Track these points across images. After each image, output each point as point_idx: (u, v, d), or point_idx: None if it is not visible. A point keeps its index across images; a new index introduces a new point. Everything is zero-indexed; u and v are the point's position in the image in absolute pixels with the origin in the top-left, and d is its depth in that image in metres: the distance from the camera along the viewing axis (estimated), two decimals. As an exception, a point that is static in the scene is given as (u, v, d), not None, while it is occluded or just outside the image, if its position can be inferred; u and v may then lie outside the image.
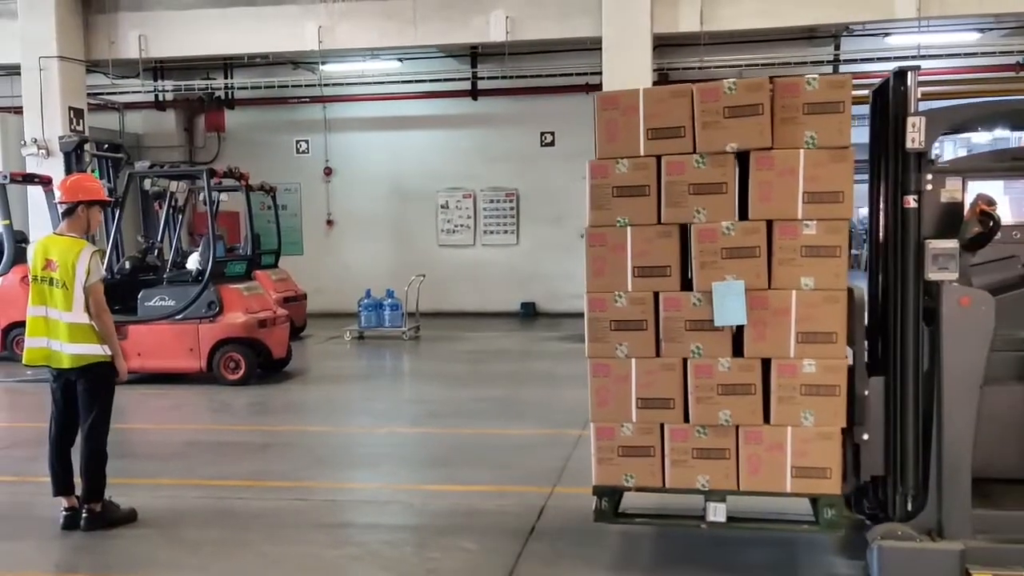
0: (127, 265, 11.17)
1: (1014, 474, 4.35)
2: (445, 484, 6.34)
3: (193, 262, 10.80)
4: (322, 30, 13.83)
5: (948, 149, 18.52)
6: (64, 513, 5.45)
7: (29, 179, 12.78)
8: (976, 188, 4.21)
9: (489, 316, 16.28)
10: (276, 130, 17.77)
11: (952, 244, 3.97)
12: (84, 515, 5.41)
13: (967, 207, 4.11)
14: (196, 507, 5.86)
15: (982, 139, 17.16)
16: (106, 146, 12.69)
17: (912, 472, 4.12)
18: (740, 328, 4.21)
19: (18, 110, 14.58)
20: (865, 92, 4.55)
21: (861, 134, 4.37)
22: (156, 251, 12.01)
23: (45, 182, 12.04)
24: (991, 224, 3.99)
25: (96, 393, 5.41)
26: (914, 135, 3.93)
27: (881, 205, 4.32)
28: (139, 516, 5.56)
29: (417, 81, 16.41)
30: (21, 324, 11.33)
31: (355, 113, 17.42)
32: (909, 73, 4.03)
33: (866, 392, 4.19)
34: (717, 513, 4.33)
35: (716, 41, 13.91)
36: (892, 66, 14.26)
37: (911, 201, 4.02)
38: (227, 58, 16.41)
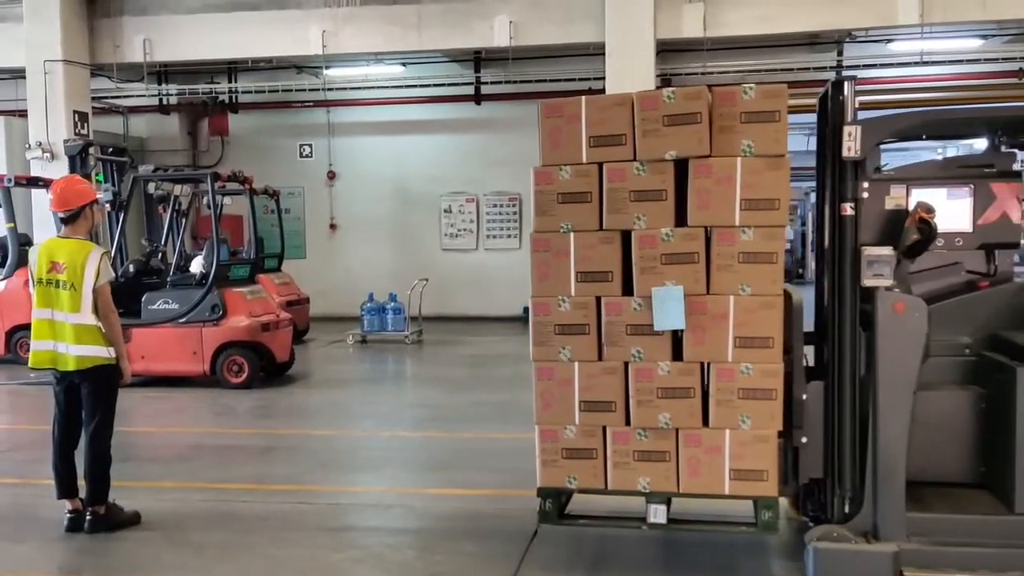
0: (131, 268, 11.19)
1: (953, 478, 4.40)
2: (448, 488, 6.36)
3: (197, 266, 10.81)
4: (326, 35, 13.88)
5: (951, 152, 18.56)
6: (68, 515, 5.47)
7: (33, 182, 12.81)
8: (920, 196, 4.30)
9: (492, 320, 16.28)
10: (280, 134, 17.81)
11: (887, 251, 4.04)
12: (88, 518, 5.41)
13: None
14: (200, 510, 5.87)
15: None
16: (110, 150, 12.70)
17: (849, 475, 4.18)
18: (680, 332, 4.29)
19: (23, 113, 14.62)
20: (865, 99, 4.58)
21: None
22: (160, 254, 12.03)
23: (49, 185, 12.06)
24: (929, 232, 4.06)
25: (100, 396, 5.43)
26: (850, 144, 4.01)
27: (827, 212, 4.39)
28: (143, 519, 5.57)
29: (421, 86, 16.46)
30: (25, 327, 11.47)
31: (359, 117, 17.46)
32: (846, 83, 4.10)
33: (804, 396, 4.26)
34: (657, 515, 4.42)
35: (719, 47, 13.93)
36: (895, 72, 14.25)
37: (848, 208, 4.09)
38: (231, 62, 16.47)
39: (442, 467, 7.02)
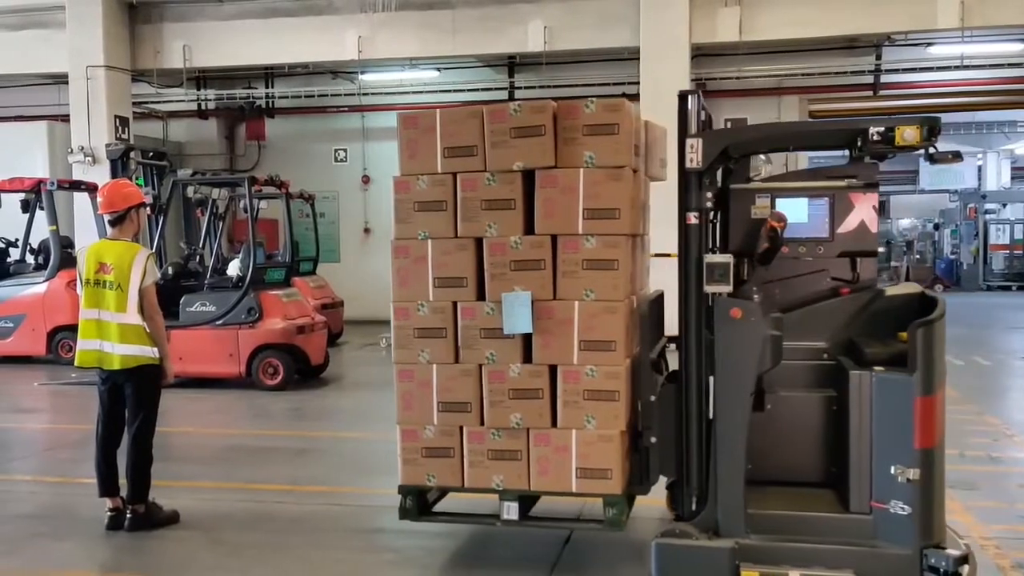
0: (170, 271, 11.35)
1: (809, 478, 4.49)
2: (481, 491, 6.37)
3: (233, 268, 10.94)
4: (362, 40, 14.00)
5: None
6: (108, 514, 5.55)
7: (75, 186, 13.06)
8: (783, 206, 4.46)
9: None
10: (315, 139, 17.98)
11: (726, 259, 4.14)
12: (128, 516, 5.50)
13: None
14: (237, 510, 5.94)
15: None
16: (151, 154, 12.91)
17: (696, 474, 4.26)
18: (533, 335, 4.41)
19: (65, 118, 14.90)
20: (908, 103, 4.61)
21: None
22: (198, 257, 12.20)
23: (91, 189, 12.29)
24: (776, 240, 4.19)
25: (144, 395, 5.53)
26: (692, 156, 4.11)
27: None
28: (181, 518, 5.65)
29: (455, 90, 16.52)
30: (66, 328, 11.69)
31: (393, 122, 17.29)
32: (690, 96, 4.21)
33: (652, 398, 4.39)
34: (510, 512, 4.55)
35: (755, 51, 13.86)
36: (935, 76, 14.04)
37: (692, 218, 4.18)
38: (268, 68, 16.68)
39: (475, 471, 7.03)
